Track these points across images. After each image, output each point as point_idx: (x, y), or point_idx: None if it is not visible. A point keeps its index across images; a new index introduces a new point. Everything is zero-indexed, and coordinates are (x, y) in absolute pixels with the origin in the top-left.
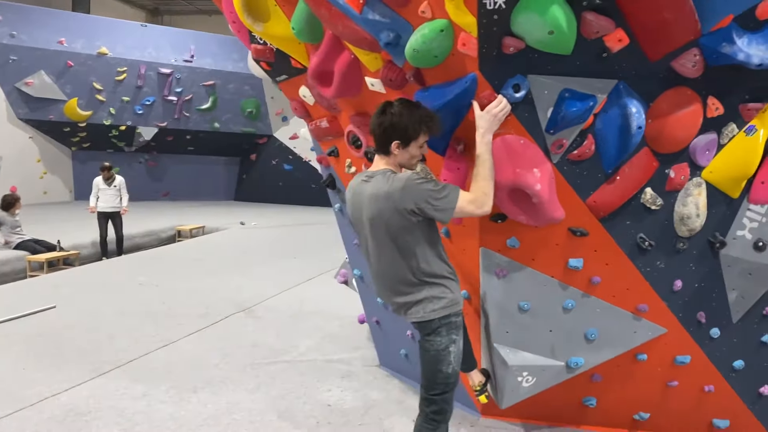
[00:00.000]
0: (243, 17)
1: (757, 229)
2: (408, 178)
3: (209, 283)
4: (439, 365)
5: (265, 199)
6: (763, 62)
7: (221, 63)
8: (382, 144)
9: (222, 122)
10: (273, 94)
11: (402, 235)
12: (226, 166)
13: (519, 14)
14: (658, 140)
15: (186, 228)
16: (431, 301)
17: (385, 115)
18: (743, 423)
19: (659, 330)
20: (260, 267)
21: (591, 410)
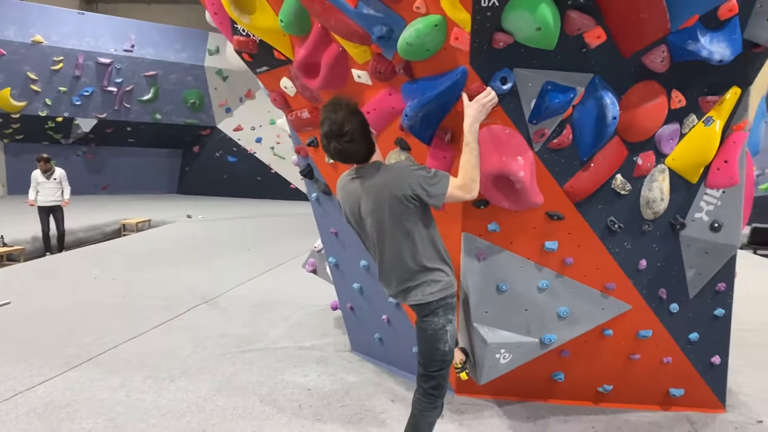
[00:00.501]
0: (230, 9)
1: (713, 212)
2: (402, 166)
3: (166, 275)
4: (436, 343)
5: (209, 191)
6: (723, 58)
7: (163, 53)
8: (368, 154)
9: (164, 113)
10: (216, 86)
11: (402, 222)
12: (168, 159)
13: (510, 11)
14: (628, 130)
15: (132, 222)
16: (429, 284)
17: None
18: (696, 391)
19: (625, 306)
20: (215, 259)
21: (559, 385)
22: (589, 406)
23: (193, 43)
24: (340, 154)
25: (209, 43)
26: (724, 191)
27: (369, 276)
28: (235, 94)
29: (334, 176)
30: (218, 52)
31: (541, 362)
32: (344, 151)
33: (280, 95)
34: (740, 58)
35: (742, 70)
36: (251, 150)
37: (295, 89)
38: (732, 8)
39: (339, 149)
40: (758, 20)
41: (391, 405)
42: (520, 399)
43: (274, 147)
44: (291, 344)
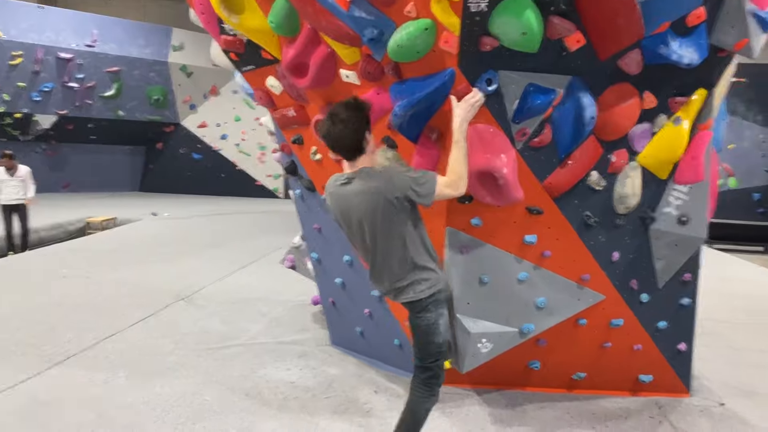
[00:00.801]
0: (219, 9)
1: (681, 206)
2: (392, 169)
3: (139, 273)
4: (430, 337)
5: (173, 189)
6: (691, 62)
7: (126, 49)
8: (349, 149)
9: (127, 110)
10: (180, 82)
11: (394, 224)
12: (131, 156)
13: (497, 17)
14: (603, 129)
15: (96, 220)
16: (420, 282)
17: (338, 123)
18: (664, 376)
19: (599, 297)
20: (187, 257)
21: (536, 373)
22: (564, 393)
23: (157, 39)
24: (327, 134)
25: (173, 39)
26: (691, 187)
27: (352, 271)
28: (200, 91)
29: (319, 172)
30: (182, 48)
31: (518, 351)
32: (331, 133)
33: (265, 93)
34: (706, 62)
35: (707, 73)
36: (216, 147)
37: (281, 88)
38: (700, 15)
39: (328, 130)
40: (723, 27)
41: (375, 396)
42: (498, 387)
43: (239, 144)
44: (271, 339)
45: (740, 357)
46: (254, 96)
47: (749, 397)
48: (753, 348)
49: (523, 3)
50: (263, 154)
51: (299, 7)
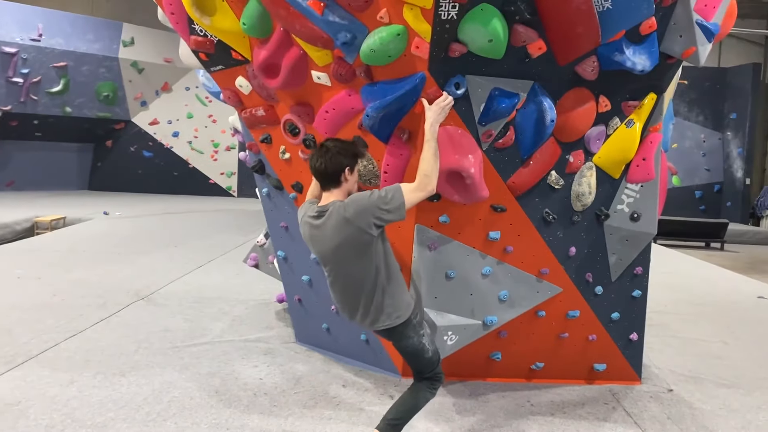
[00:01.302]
0: (191, 10)
1: (633, 204)
2: (357, 197)
3: (96, 273)
4: (420, 356)
5: (123, 187)
6: (644, 68)
7: (74, 43)
8: (332, 176)
9: (74, 106)
10: (131, 78)
11: (366, 255)
12: (78, 153)
13: (466, 24)
14: (562, 131)
15: (45, 219)
16: (394, 309)
17: (328, 151)
18: (616, 365)
19: (556, 289)
20: (143, 256)
21: (496, 363)
22: (524, 382)
23: (107, 34)
24: (312, 157)
25: (124, 34)
26: (643, 185)
27: (319, 268)
28: (151, 87)
29: (287, 171)
30: (133, 43)
31: (481, 343)
32: (315, 157)
33: (234, 93)
34: (657, 68)
35: (658, 79)
36: (168, 144)
37: (250, 88)
38: (651, 25)
39: (314, 154)
40: (672, 36)
41: (343, 390)
42: (461, 379)
43: (192, 141)
44: (236, 338)
45: (685, 346)
46: (222, 96)
47: (694, 382)
48: (696, 337)
49: (490, 12)
50: (216, 151)
51: (272, 9)
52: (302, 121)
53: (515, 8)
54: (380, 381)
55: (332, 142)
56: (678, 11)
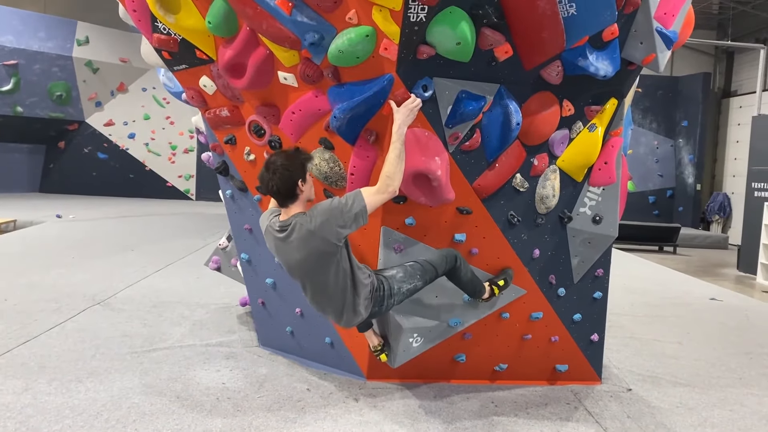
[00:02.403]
0: (155, 8)
1: (595, 207)
2: (319, 207)
3: (50, 277)
4: (417, 290)
5: (76, 190)
6: (606, 74)
7: (25, 41)
8: (287, 193)
9: (26, 106)
10: (85, 78)
11: (333, 261)
12: (29, 155)
13: (435, 27)
14: (527, 134)
15: None
16: (362, 301)
17: (275, 170)
18: (578, 366)
19: (520, 291)
20: (98, 260)
21: (461, 365)
22: (487, 384)
23: (60, 32)
24: (262, 179)
25: (78, 33)
26: (604, 188)
27: (283, 270)
28: (107, 87)
29: (252, 173)
30: (88, 42)
31: (445, 345)
32: (265, 178)
33: (197, 93)
34: (618, 74)
35: (619, 84)
36: (123, 146)
37: (214, 87)
38: (614, 32)
39: (263, 175)
40: (633, 42)
41: (308, 393)
42: (426, 381)
43: (149, 143)
44: (197, 342)
45: (642, 347)
46: (185, 95)
47: (652, 382)
48: (653, 338)
49: (458, 15)
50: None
51: (238, 8)
52: (268, 122)
53: (483, 12)
54: (345, 384)
55: (277, 158)
56: (639, 19)
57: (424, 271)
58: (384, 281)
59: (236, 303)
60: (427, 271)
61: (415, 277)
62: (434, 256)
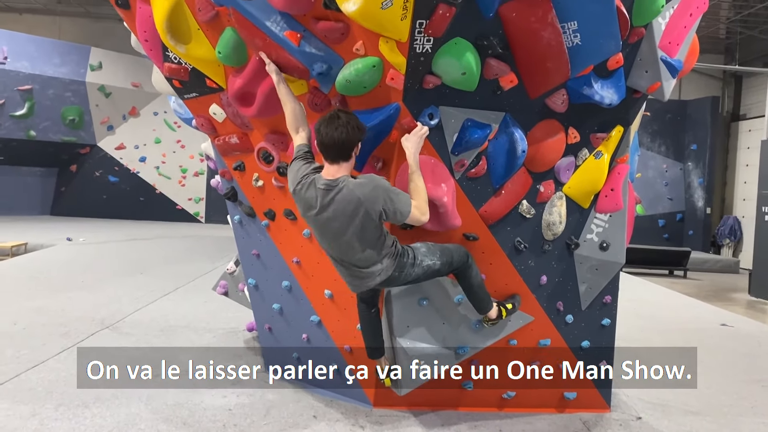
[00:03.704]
0: (165, 38)
1: (602, 233)
2: (377, 180)
3: (58, 301)
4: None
5: (87, 213)
6: (612, 102)
7: (40, 66)
8: (342, 151)
9: (39, 130)
10: (98, 102)
11: (368, 233)
12: (41, 178)
13: (440, 57)
14: (533, 161)
15: (6, 245)
16: (388, 259)
17: (341, 126)
18: (586, 394)
19: (528, 318)
20: (108, 284)
21: (468, 393)
22: (495, 411)
23: (74, 58)
24: (326, 132)
25: (91, 59)
26: (611, 215)
27: (290, 296)
28: (118, 112)
29: (260, 198)
30: (101, 67)
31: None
32: (329, 132)
33: (207, 120)
34: (624, 102)
35: (625, 112)
36: (134, 169)
37: (224, 115)
38: (619, 60)
39: (327, 127)
40: (638, 71)
41: (314, 421)
42: (432, 408)
43: (159, 167)
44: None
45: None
46: (195, 122)
47: (662, 410)
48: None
49: (463, 46)
50: (185, 177)
51: (248, 39)
52: (276, 150)
53: (488, 43)
54: (351, 411)
55: (346, 114)
56: (643, 48)
57: (442, 253)
58: (410, 250)
59: (243, 328)
60: (445, 253)
61: (435, 254)
62: (449, 245)
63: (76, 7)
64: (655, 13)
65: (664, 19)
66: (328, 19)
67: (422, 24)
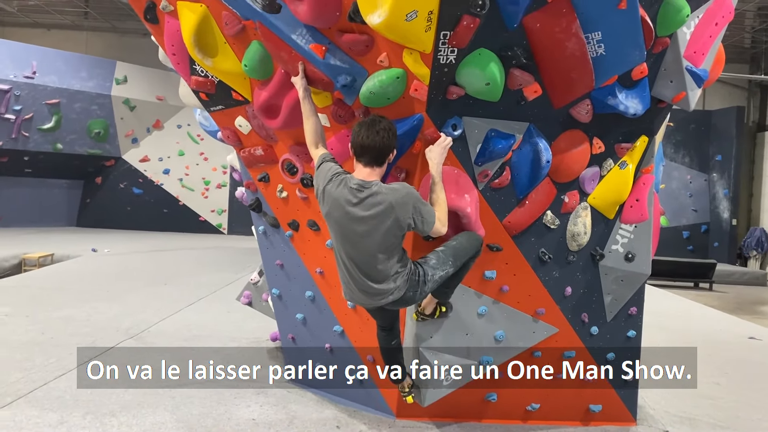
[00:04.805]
0: (193, 52)
1: (627, 244)
2: (409, 189)
3: (84, 311)
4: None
5: (112, 224)
6: (636, 112)
7: (67, 81)
8: (379, 156)
9: (66, 143)
10: (123, 115)
11: (391, 241)
12: (67, 190)
13: (464, 68)
14: (557, 172)
15: (33, 256)
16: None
17: (382, 131)
18: (612, 406)
19: (552, 330)
20: (132, 294)
21: (492, 405)
22: (519, 423)
23: (100, 72)
24: (366, 136)
25: (117, 72)
26: (636, 226)
27: (314, 306)
28: (143, 125)
29: (284, 209)
30: (126, 81)
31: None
32: (369, 135)
33: (233, 132)
34: (649, 112)
35: (649, 122)
36: (158, 181)
37: (249, 127)
38: (643, 70)
39: (368, 131)
40: (663, 81)
41: (338, 431)
42: (456, 420)
43: (183, 179)
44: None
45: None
46: (220, 135)
47: (689, 424)
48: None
49: (487, 56)
50: (207, 189)
51: (274, 52)
52: (301, 161)
53: (512, 53)
54: (375, 421)
55: (387, 120)
56: (668, 57)
57: (455, 257)
58: (420, 267)
59: (267, 337)
60: (459, 256)
61: (447, 263)
62: (463, 239)
63: (102, 22)
64: (679, 23)
65: (689, 28)
66: (352, 31)
67: (446, 35)
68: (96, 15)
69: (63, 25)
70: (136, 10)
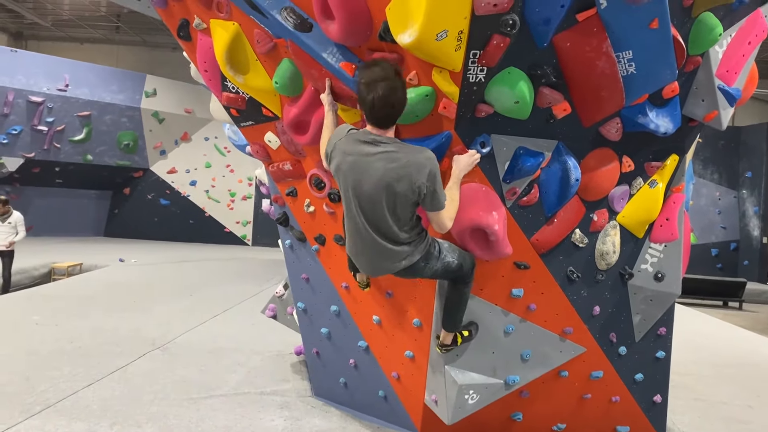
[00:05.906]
0: (225, 69)
1: (657, 263)
2: (427, 150)
3: (111, 321)
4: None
5: (139, 234)
6: (667, 131)
7: (98, 94)
8: (393, 116)
9: (95, 154)
10: (151, 127)
11: (402, 204)
12: (96, 200)
13: (493, 86)
14: (586, 190)
15: (62, 265)
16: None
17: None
18: (640, 428)
19: (580, 349)
20: (158, 305)
21: (517, 424)
22: None
23: (131, 85)
24: (381, 98)
25: (147, 86)
26: (666, 245)
27: (339, 320)
28: (171, 137)
29: (311, 224)
30: (155, 94)
31: (502, 402)
32: (385, 97)
33: (262, 147)
34: (679, 131)
35: (680, 140)
36: (185, 193)
37: (278, 143)
38: (674, 89)
39: (381, 94)
40: (695, 99)
41: None
42: None
43: (209, 190)
44: (252, 390)
45: (709, 409)
46: (249, 149)
47: None
48: (720, 400)
49: (516, 75)
50: (233, 200)
51: (304, 69)
52: (328, 176)
53: (541, 72)
54: None
55: (392, 76)
56: (700, 76)
57: (459, 254)
58: (436, 243)
59: (290, 351)
60: (461, 255)
61: (454, 254)
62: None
63: (133, 36)
64: (712, 41)
65: (722, 47)
66: (382, 50)
67: (476, 54)
68: (127, 29)
69: (95, 39)
70: (170, 27)
